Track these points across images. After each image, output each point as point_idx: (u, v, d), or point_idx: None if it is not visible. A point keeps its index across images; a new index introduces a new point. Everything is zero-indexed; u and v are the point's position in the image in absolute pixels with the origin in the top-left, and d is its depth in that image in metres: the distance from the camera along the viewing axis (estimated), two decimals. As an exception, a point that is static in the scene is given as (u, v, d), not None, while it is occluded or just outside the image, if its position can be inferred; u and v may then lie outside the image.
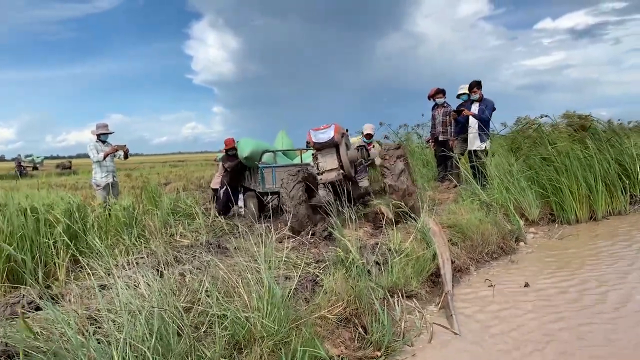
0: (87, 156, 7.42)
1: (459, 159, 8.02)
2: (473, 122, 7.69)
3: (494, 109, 7.62)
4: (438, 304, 3.89)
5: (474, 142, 7.67)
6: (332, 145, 5.37)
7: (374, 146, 7.74)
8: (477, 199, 6.34)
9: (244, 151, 6.90)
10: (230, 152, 7.37)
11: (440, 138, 8.45)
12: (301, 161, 7.24)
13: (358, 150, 5.84)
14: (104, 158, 6.99)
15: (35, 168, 32.84)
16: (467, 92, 8.11)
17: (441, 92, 8.48)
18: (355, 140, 8.00)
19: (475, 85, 7.63)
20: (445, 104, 8.44)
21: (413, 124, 11.36)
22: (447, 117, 8.31)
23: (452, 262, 4.44)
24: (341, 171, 5.36)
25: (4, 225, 4.61)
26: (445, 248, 4.49)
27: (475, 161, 7.35)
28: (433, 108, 8.67)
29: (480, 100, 7.62)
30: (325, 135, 5.29)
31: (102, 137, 7.15)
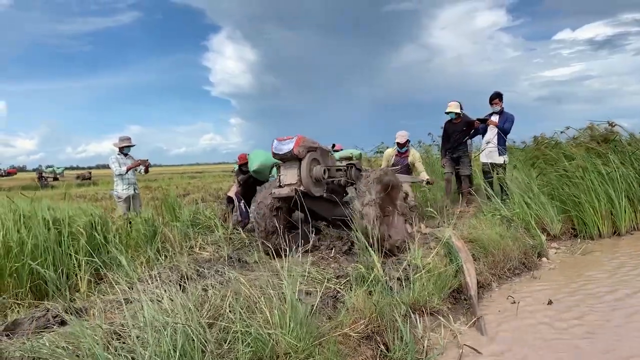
0: (105, 167, 7.59)
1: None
2: (491, 135, 7.65)
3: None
4: (467, 324, 3.84)
5: (492, 156, 7.62)
6: (294, 158, 5.04)
7: (407, 155, 7.63)
8: (497, 213, 6.27)
9: (252, 164, 6.92)
10: (244, 167, 7.40)
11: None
12: None
13: (347, 169, 5.45)
14: (127, 172, 7.10)
15: (55, 179, 33.40)
16: (454, 110, 8.15)
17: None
18: (390, 151, 7.93)
19: (497, 96, 7.58)
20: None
21: (435, 136, 11.21)
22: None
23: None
24: (300, 187, 4.96)
25: (27, 239, 4.68)
26: (471, 265, 4.44)
27: (497, 175, 7.31)
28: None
29: (501, 113, 7.57)
30: (286, 146, 4.98)
31: (124, 150, 7.26)
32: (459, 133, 8.28)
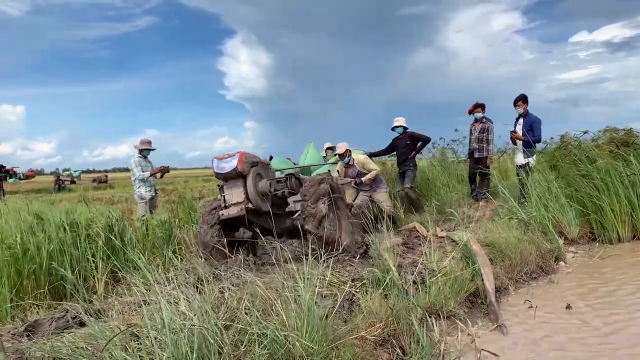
0: (121, 170, 7.71)
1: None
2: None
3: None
4: (485, 328, 3.80)
5: (518, 158, 7.57)
6: (238, 176, 4.83)
7: (353, 164, 7.35)
8: (514, 216, 6.20)
9: None
10: None
11: (476, 155, 8.27)
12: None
13: (286, 180, 5.30)
14: (150, 177, 7.22)
15: (73, 182, 33.84)
16: (402, 124, 8.16)
17: (479, 106, 8.28)
18: (339, 166, 7.69)
19: (521, 99, 7.49)
20: (484, 120, 8.26)
21: (449, 139, 10.99)
22: (485, 133, 8.14)
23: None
24: (249, 205, 4.79)
25: (45, 242, 4.75)
26: (489, 269, 4.40)
27: (519, 177, 7.24)
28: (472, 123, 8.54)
29: (525, 115, 7.48)
30: (229, 164, 4.78)
31: (144, 153, 7.36)
32: (404, 148, 8.27)
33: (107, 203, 12.26)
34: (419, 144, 8.27)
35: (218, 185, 5.22)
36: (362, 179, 7.15)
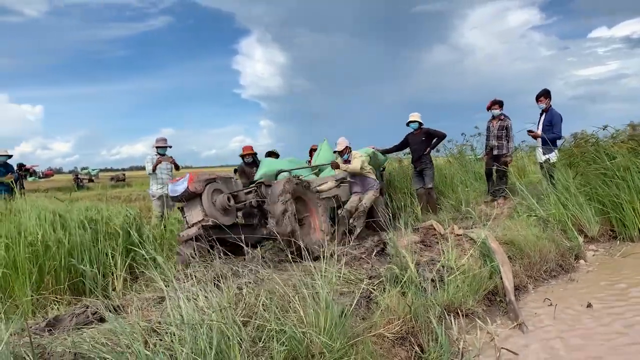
0: (138, 168, 7.84)
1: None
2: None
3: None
4: (504, 326, 3.76)
5: (538, 155, 7.49)
6: (192, 196, 4.95)
7: (350, 161, 7.02)
8: (533, 214, 6.12)
9: (257, 174, 7.15)
10: (246, 158, 7.49)
11: (495, 152, 8.14)
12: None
13: (257, 189, 5.37)
14: (153, 170, 7.30)
15: (91, 180, 34.23)
16: (417, 120, 8.00)
17: (497, 103, 8.14)
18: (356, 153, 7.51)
19: (543, 94, 7.37)
20: (502, 117, 8.14)
21: (469, 135, 10.75)
22: (504, 130, 8.02)
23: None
24: (208, 222, 4.83)
25: (65, 238, 4.82)
26: (508, 268, 4.35)
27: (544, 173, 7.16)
28: (490, 120, 8.42)
29: (547, 110, 7.37)
30: (180, 187, 4.92)
31: (159, 151, 7.44)
32: (419, 144, 8.11)
33: (125, 201, 12.40)
34: (434, 140, 8.16)
35: (178, 208, 5.38)
36: (336, 169, 6.93)
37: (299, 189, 5.27)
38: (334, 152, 7.17)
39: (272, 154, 8.52)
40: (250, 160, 7.87)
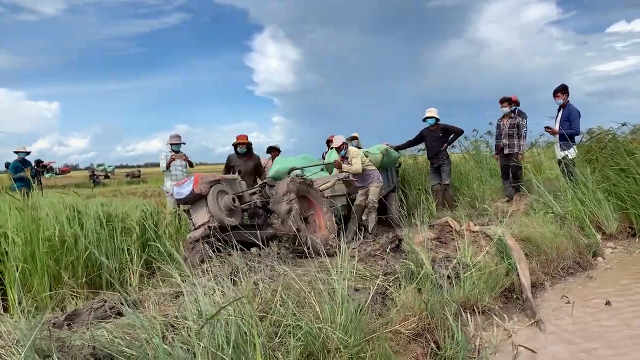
0: (153, 165, 7.89)
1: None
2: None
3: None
4: (520, 323, 3.73)
5: (556, 152, 7.40)
6: (198, 198, 4.98)
7: (348, 157, 6.99)
8: (550, 211, 6.05)
9: (270, 171, 7.28)
10: (239, 148, 7.42)
11: (505, 151, 7.99)
12: None
13: (261, 189, 5.40)
14: (167, 167, 7.34)
15: (107, 177, 34.60)
16: (434, 115, 7.90)
17: (506, 101, 7.98)
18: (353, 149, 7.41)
19: (560, 90, 7.23)
20: (513, 115, 8.00)
21: (483, 132, 10.57)
22: (515, 129, 7.90)
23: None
24: (214, 224, 4.86)
25: (83, 234, 4.87)
26: (525, 265, 4.31)
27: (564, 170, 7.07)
28: (500, 118, 8.27)
29: (564, 106, 7.24)
30: (186, 189, 4.93)
31: (173, 147, 7.48)
32: (435, 140, 8.01)
33: (141, 197, 12.49)
34: (450, 136, 8.07)
35: (184, 210, 5.41)
36: (339, 169, 6.91)
37: (303, 187, 5.28)
38: (330, 148, 7.24)
39: (273, 150, 8.62)
40: (243, 150, 7.43)
